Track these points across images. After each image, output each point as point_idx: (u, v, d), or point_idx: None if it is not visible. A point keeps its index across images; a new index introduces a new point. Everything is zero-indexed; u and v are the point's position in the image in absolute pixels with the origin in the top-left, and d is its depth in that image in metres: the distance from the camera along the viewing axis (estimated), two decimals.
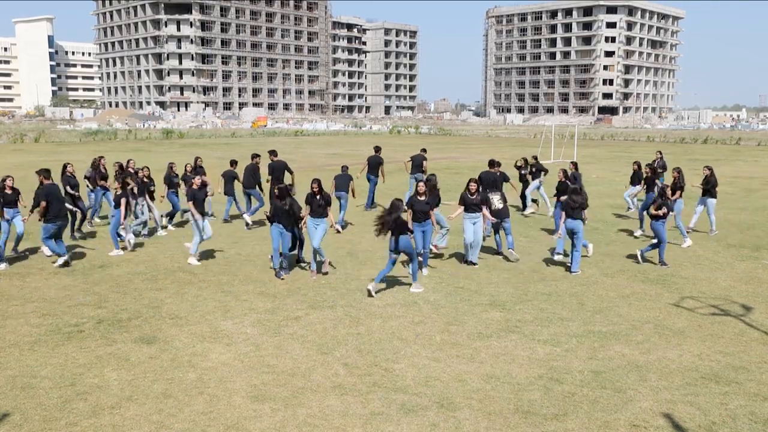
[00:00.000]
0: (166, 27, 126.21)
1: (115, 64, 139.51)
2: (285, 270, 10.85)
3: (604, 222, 16.25)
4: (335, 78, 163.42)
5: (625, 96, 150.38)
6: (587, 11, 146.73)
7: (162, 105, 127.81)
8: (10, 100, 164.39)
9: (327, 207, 10.89)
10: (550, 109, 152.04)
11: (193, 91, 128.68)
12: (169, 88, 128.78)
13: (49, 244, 11.22)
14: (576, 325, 8.48)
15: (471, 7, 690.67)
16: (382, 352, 7.47)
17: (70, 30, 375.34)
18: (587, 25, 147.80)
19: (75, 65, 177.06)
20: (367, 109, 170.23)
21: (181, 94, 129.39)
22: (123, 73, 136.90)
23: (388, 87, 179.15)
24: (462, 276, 10.94)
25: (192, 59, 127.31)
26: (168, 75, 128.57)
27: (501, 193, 12.33)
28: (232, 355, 7.35)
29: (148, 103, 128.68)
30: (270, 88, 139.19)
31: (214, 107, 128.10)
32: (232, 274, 10.96)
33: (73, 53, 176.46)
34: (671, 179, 14.37)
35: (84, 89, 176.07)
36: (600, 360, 7.31)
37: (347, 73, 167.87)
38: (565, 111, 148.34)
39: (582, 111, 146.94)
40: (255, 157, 15.63)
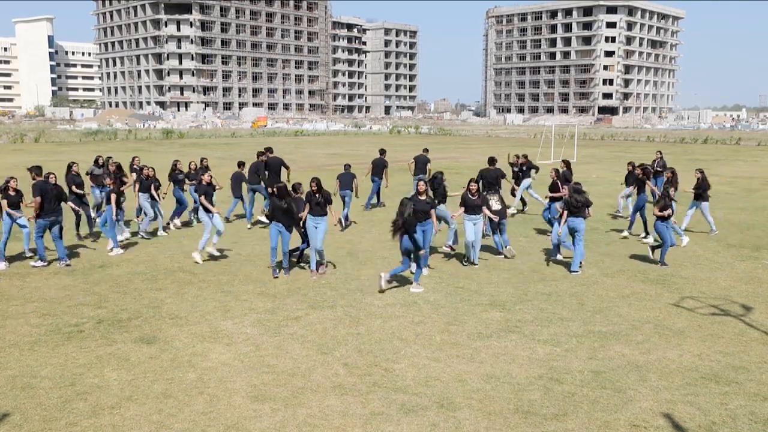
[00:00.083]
0: (166, 27, 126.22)
1: (115, 64, 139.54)
2: (285, 270, 10.85)
3: (603, 222, 16.25)
4: (335, 78, 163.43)
5: (625, 96, 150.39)
6: (587, 11, 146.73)
7: (162, 105, 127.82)
8: (10, 100, 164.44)
9: (327, 205, 10.89)
10: (550, 109, 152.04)
11: (193, 91, 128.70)
12: (169, 88, 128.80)
13: (39, 244, 11.26)
14: (576, 325, 8.49)
15: (471, 7, 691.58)
16: (382, 352, 7.47)
17: (70, 30, 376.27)
18: (587, 25, 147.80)
19: (75, 65, 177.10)
20: (367, 109, 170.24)
21: (181, 94, 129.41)
22: (123, 73, 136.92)
23: (388, 87, 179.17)
24: (462, 276, 10.94)
25: (192, 59, 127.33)
26: (168, 75, 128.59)
27: (499, 194, 12.35)
28: (232, 355, 7.35)
29: (148, 103, 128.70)
30: (270, 88, 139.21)
31: (214, 107, 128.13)
32: (232, 274, 10.96)
33: (73, 53, 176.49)
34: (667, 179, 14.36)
35: (84, 89, 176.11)
36: (600, 360, 7.31)
37: (347, 73, 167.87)
38: (565, 111, 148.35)
39: (582, 111, 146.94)
40: (261, 154, 15.81)
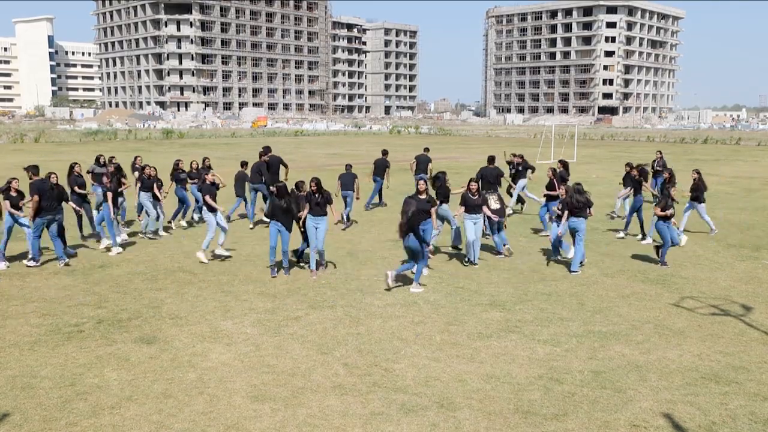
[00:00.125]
0: (166, 27, 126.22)
1: (115, 64, 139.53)
2: (285, 269, 10.85)
3: (603, 222, 16.25)
4: (335, 78, 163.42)
5: (625, 96, 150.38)
6: (587, 11, 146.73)
7: (162, 105, 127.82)
8: (10, 100, 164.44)
9: (327, 205, 10.89)
10: (550, 109, 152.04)
11: (193, 91, 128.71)
12: (169, 88, 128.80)
13: (35, 244, 11.27)
14: (576, 325, 8.48)
15: (471, 7, 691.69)
16: (382, 352, 7.47)
17: (70, 30, 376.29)
18: (587, 25, 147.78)
19: (75, 65, 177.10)
20: (367, 109, 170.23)
21: (181, 94, 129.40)
22: (123, 73, 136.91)
23: (388, 87, 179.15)
24: (462, 276, 10.94)
25: (192, 59, 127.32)
26: (168, 75, 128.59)
27: (498, 193, 12.36)
28: (232, 355, 7.35)
29: (148, 103, 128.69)
30: (270, 88, 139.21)
31: (214, 107, 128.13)
32: (232, 274, 10.96)
33: (73, 53, 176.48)
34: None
35: (84, 89, 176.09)
36: (600, 360, 7.31)
37: (347, 73, 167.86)
38: (565, 111, 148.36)
39: (582, 111, 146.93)
40: (263, 154, 15.86)
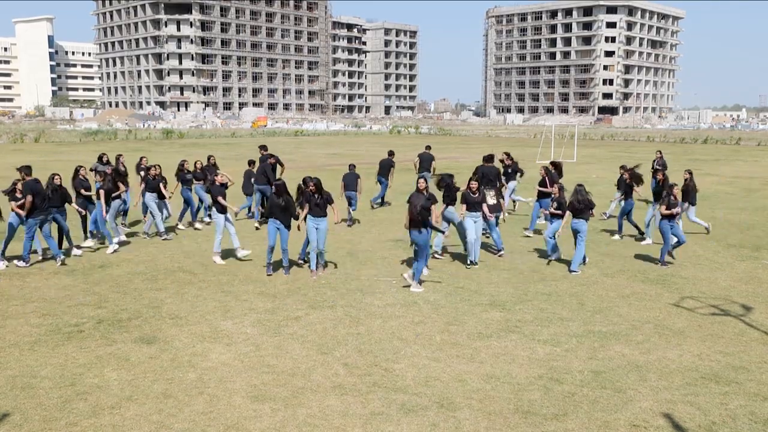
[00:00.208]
0: (166, 27, 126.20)
1: (115, 64, 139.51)
2: (285, 269, 10.85)
3: (601, 222, 16.25)
4: (335, 78, 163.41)
5: (625, 96, 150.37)
6: (587, 11, 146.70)
7: (162, 105, 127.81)
8: (10, 100, 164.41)
9: (327, 206, 10.87)
10: (550, 109, 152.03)
11: (193, 91, 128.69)
12: (169, 88, 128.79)
13: (27, 244, 11.27)
14: (576, 325, 8.48)
15: (471, 7, 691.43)
16: (382, 352, 7.47)
17: (70, 30, 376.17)
18: (587, 25, 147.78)
19: (75, 65, 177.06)
20: (367, 109, 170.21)
21: (181, 94, 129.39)
22: (123, 73, 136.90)
23: (388, 87, 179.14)
24: (462, 276, 10.94)
25: (192, 59, 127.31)
26: (168, 75, 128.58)
27: (495, 190, 12.37)
28: (232, 355, 7.35)
29: (148, 103, 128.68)
30: (270, 88, 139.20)
31: (214, 107, 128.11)
32: (232, 274, 10.96)
33: (73, 53, 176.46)
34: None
35: (84, 89, 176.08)
36: (600, 360, 7.31)
37: (347, 73, 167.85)
38: (565, 111, 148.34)
39: (582, 111, 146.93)
40: (269, 157, 15.96)
